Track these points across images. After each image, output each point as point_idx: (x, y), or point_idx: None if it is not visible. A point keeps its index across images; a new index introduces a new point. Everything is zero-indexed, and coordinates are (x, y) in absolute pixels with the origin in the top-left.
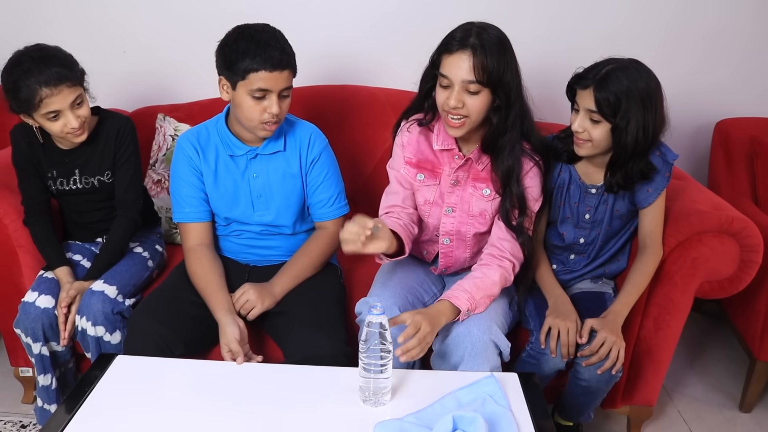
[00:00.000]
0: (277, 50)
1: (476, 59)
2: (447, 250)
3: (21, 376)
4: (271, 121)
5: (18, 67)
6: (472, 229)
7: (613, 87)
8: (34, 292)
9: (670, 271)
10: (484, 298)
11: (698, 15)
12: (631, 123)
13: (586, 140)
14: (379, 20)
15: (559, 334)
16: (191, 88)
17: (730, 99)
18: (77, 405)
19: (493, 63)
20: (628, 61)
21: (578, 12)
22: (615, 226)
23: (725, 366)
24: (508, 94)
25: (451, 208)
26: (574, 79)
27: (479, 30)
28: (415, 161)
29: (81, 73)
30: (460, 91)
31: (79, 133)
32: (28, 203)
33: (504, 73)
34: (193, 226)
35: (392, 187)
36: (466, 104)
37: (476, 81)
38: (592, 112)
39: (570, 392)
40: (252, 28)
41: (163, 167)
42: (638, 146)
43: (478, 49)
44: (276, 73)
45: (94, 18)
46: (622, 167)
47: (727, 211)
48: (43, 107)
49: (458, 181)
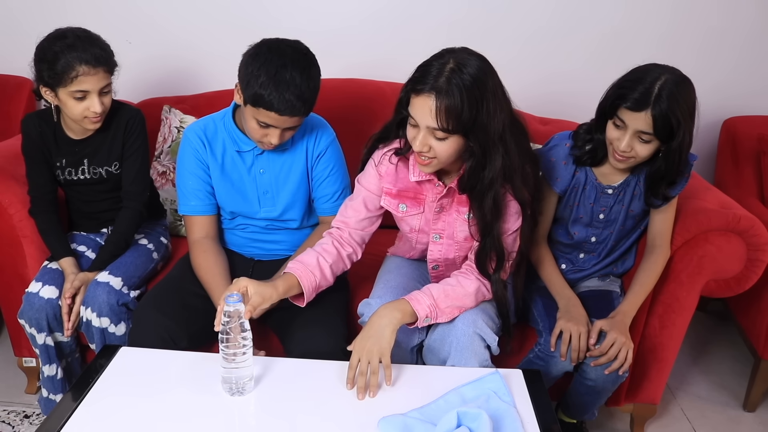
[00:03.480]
0: (295, 96)
1: (441, 104)
2: (437, 274)
3: (24, 366)
4: (267, 143)
5: (62, 41)
6: (460, 255)
7: (671, 109)
8: (38, 282)
9: (677, 270)
10: (452, 308)
11: (701, 12)
12: (685, 139)
13: (630, 157)
14: (386, 14)
15: (570, 338)
16: (197, 80)
17: (738, 97)
18: (82, 395)
19: (462, 108)
20: (673, 73)
21: (578, 10)
22: (628, 225)
23: (729, 365)
24: (484, 139)
25: (438, 235)
26: (619, 98)
27: (453, 67)
28: (395, 191)
29: (115, 64)
30: (426, 135)
31: (96, 120)
32: (34, 193)
33: (477, 117)
34: (198, 219)
35: (354, 203)
36: (433, 148)
37: (440, 128)
38: (644, 134)
39: (575, 390)
40: (278, 54)
41: (168, 159)
42: (684, 156)
43: (444, 93)
44: (285, 117)
45: (99, 7)
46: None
47: (734, 209)
48: (76, 84)
49: (443, 208)
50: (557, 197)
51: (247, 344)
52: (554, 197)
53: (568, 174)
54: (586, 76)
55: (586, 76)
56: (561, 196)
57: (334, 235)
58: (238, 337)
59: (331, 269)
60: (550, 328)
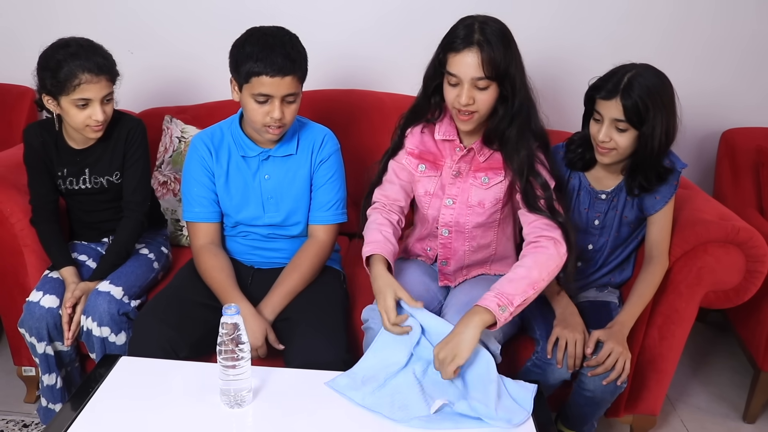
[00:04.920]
0: (281, 56)
1: (484, 55)
2: (446, 242)
3: (24, 375)
4: (274, 125)
5: (65, 49)
6: (471, 220)
7: (640, 95)
8: (39, 291)
9: (676, 281)
10: (524, 287)
11: (700, 24)
12: (656, 128)
13: (612, 149)
14: (387, 25)
15: (567, 346)
16: (198, 90)
17: (737, 109)
18: (82, 404)
19: (500, 57)
20: (643, 66)
21: (574, 20)
22: (623, 233)
23: (729, 376)
24: (514, 84)
25: (451, 199)
26: (594, 89)
27: (482, 25)
28: (417, 152)
29: (117, 73)
30: (470, 88)
31: (98, 129)
32: (36, 202)
33: (510, 64)
34: (202, 226)
35: (388, 176)
36: (476, 100)
37: (485, 77)
38: (619, 122)
39: (574, 402)
40: (261, 32)
41: (169, 169)
42: (661, 149)
43: (485, 45)
44: (278, 78)
45: (100, 17)
46: (643, 171)
47: (733, 221)
48: (78, 92)
49: (460, 173)
50: None
51: (244, 356)
52: None
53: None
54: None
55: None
56: None
57: (379, 209)
58: (235, 349)
59: (393, 236)
60: (547, 336)
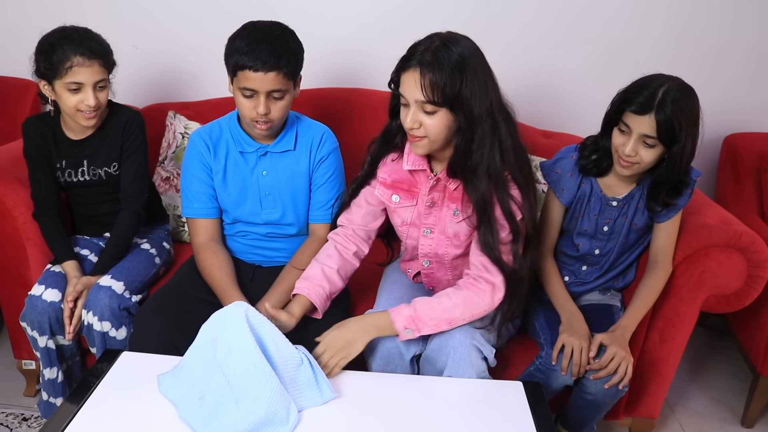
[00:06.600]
0: (267, 51)
1: (426, 77)
2: (428, 272)
3: (24, 368)
4: (260, 120)
5: (60, 33)
6: (450, 252)
7: (674, 113)
8: (41, 285)
9: (677, 285)
10: (437, 321)
11: (703, 28)
12: (686, 146)
13: (635, 163)
14: (390, 24)
15: (572, 353)
16: (202, 86)
17: (739, 113)
18: (83, 399)
19: (444, 81)
20: (674, 80)
21: (578, 24)
22: (631, 239)
23: (728, 380)
24: (471, 113)
25: (429, 229)
26: (624, 102)
27: (440, 44)
28: (390, 182)
29: (113, 62)
30: (416, 111)
31: (90, 115)
32: (37, 195)
33: (461, 91)
34: (201, 222)
35: (356, 200)
36: (423, 124)
37: (427, 101)
38: (648, 137)
39: (575, 404)
40: (255, 26)
41: (172, 164)
42: (687, 165)
43: (427, 66)
44: (261, 74)
45: (106, 12)
46: (667, 187)
47: (735, 225)
48: (70, 75)
49: (434, 203)
50: (564, 209)
51: None
52: (561, 209)
53: (573, 185)
54: (586, 90)
55: (587, 90)
56: (567, 208)
57: (336, 238)
58: None
59: (338, 274)
60: (552, 341)
